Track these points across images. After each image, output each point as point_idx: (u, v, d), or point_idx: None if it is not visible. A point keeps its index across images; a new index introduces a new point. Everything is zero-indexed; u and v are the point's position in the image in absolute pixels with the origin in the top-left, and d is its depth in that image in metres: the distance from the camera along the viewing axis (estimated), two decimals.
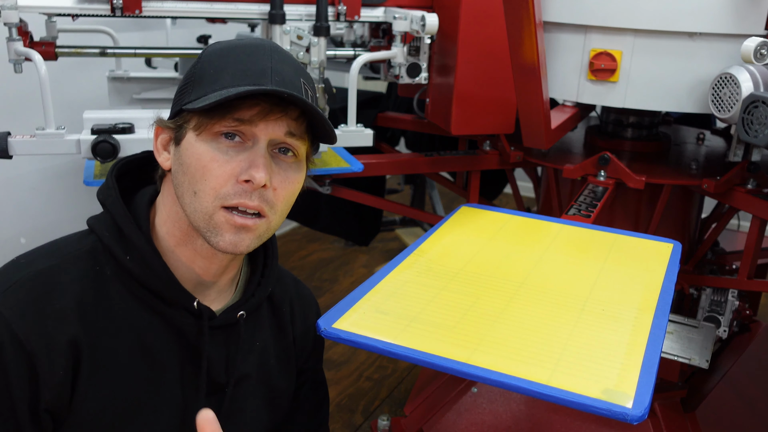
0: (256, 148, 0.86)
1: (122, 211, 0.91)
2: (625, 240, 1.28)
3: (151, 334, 0.91)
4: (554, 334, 0.93)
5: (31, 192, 2.36)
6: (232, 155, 0.86)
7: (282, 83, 0.87)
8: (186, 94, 0.89)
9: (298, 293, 1.14)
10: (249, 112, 0.85)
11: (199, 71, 0.89)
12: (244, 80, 0.86)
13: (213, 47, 0.91)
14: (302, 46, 1.59)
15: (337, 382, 2.47)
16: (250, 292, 1.01)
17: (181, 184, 0.89)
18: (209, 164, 0.85)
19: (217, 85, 0.86)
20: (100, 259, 0.90)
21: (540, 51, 1.44)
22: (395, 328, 0.93)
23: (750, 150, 1.61)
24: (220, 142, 0.86)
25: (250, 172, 0.85)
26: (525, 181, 2.29)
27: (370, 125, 2.13)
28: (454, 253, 1.19)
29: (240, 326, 0.98)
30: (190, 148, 0.87)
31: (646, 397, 0.80)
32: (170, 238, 0.93)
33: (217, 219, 0.87)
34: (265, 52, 0.89)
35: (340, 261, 3.47)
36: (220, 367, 0.97)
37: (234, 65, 0.87)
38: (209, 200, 0.86)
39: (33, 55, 1.42)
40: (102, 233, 0.91)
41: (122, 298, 0.89)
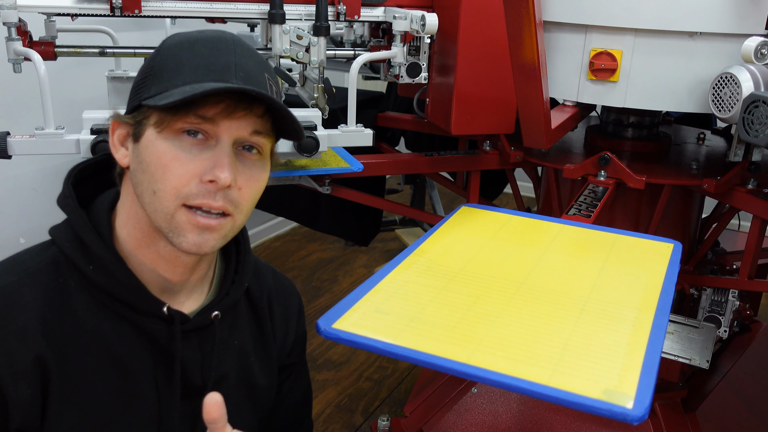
0: (220, 147, 0.83)
1: (81, 220, 0.88)
2: (626, 240, 1.28)
3: (120, 344, 0.88)
4: (554, 334, 0.93)
5: (30, 192, 2.36)
6: (195, 153, 0.83)
7: (246, 79, 0.84)
8: (145, 88, 0.85)
9: (278, 286, 1.10)
10: (213, 110, 0.82)
11: (159, 64, 0.85)
12: (207, 75, 0.82)
13: (172, 39, 0.87)
14: (302, 46, 1.59)
15: (337, 382, 2.47)
16: (224, 291, 0.98)
17: (140, 183, 0.85)
18: (170, 163, 0.82)
19: (178, 80, 0.82)
20: (63, 270, 0.87)
21: (540, 51, 1.44)
22: (395, 328, 0.93)
23: (750, 150, 1.61)
24: (182, 139, 0.83)
25: (214, 172, 0.82)
26: (525, 181, 2.29)
27: (370, 125, 2.13)
28: (454, 253, 1.19)
29: (215, 327, 0.96)
30: (150, 145, 0.83)
31: (646, 397, 0.79)
32: (131, 241, 0.89)
33: (178, 219, 0.84)
34: (228, 46, 0.86)
35: (340, 261, 3.47)
36: (196, 369, 0.94)
37: (196, 59, 0.84)
38: (170, 199, 0.83)
39: (32, 55, 1.42)
40: (63, 244, 0.88)
41: (88, 309, 0.86)
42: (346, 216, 2.43)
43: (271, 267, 1.13)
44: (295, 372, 1.14)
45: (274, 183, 1.71)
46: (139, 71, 0.89)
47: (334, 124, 1.66)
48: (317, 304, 3.03)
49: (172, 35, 0.89)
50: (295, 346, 1.13)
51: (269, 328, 1.07)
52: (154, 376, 0.91)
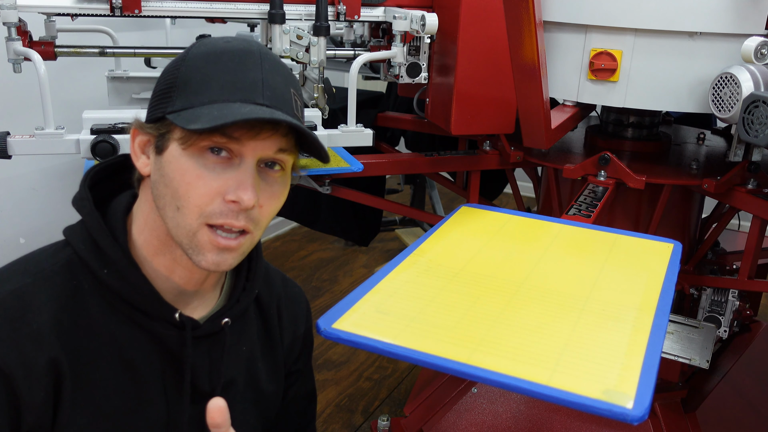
0: (245, 167, 0.83)
1: (97, 223, 0.88)
2: (626, 240, 1.28)
3: (132, 347, 0.88)
4: (554, 334, 0.93)
5: (30, 192, 2.36)
6: (219, 172, 0.82)
7: (273, 97, 0.84)
8: (169, 100, 0.84)
9: (287, 293, 1.11)
10: (239, 131, 0.81)
11: (184, 76, 0.84)
12: (234, 94, 0.82)
13: (198, 49, 0.86)
14: (302, 46, 1.59)
15: (337, 382, 2.47)
16: (235, 298, 0.98)
17: (162, 197, 0.85)
18: (195, 181, 0.82)
19: (204, 97, 0.82)
20: (77, 272, 0.87)
21: (540, 51, 1.44)
22: (395, 328, 0.93)
23: (750, 150, 1.61)
24: (206, 157, 0.82)
25: (238, 193, 0.82)
26: (525, 181, 2.29)
27: (370, 125, 2.13)
28: (454, 253, 1.19)
29: (225, 333, 0.96)
30: (174, 161, 0.83)
31: (646, 397, 0.79)
32: (148, 247, 0.89)
33: (200, 238, 0.83)
34: (255, 60, 0.84)
35: (340, 261, 3.47)
36: (204, 375, 0.94)
37: (222, 75, 0.83)
38: (193, 217, 0.83)
39: (32, 55, 1.42)
40: (78, 246, 0.87)
41: (101, 312, 0.86)
42: (346, 216, 2.44)
43: (281, 273, 1.13)
44: (301, 378, 1.14)
45: None
46: (161, 77, 0.88)
47: (334, 124, 1.66)
48: (317, 304, 3.03)
49: (198, 43, 0.88)
50: (303, 352, 1.13)
51: (277, 335, 1.07)
52: (163, 381, 0.91)
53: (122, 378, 0.88)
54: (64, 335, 0.84)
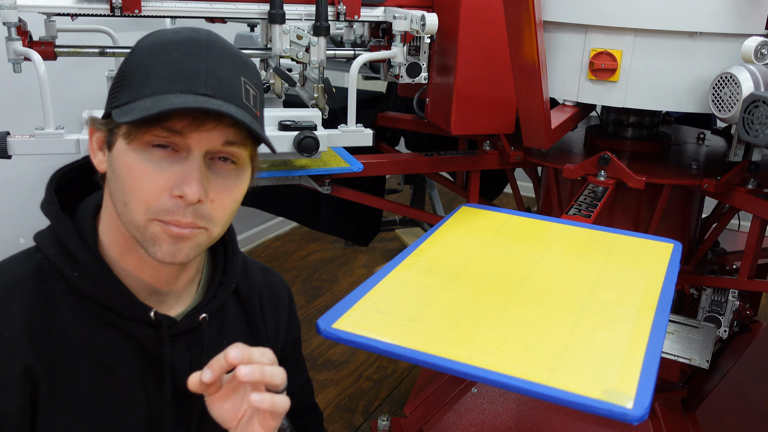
0: (190, 160, 0.80)
1: (65, 226, 0.86)
2: (625, 240, 1.28)
3: (108, 350, 0.87)
4: (554, 334, 0.93)
5: (30, 192, 2.36)
6: (165, 166, 0.80)
7: (217, 86, 0.80)
8: (117, 95, 0.82)
9: (267, 283, 1.09)
10: (180, 123, 0.78)
11: (130, 70, 0.81)
12: (175, 84, 0.78)
13: (145, 41, 0.83)
14: (302, 46, 1.59)
15: (337, 382, 2.47)
16: (212, 293, 0.96)
17: (114, 193, 0.83)
18: (140, 176, 0.79)
19: (146, 90, 0.79)
20: (48, 277, 0.85)
21: (540, 51, 1.44)
22: (395, 328, 0.93)
23: (750, 150, 1.61)
24: (152, 152, 0.79)
25: (182, 188, 0.79)
26: (525, 181, 2.29)
27: (370, 125, 2.13)
28: (454, 253, 1.19)
29: (203, 329, 0.94)
30: (121, 156, 0.81)
31: (646, 397, 0.79)
32: (115, 247, 0.88)
33: (152, 229, 0.81)
34: (201, 49, 0.80)
35: (340, 261, 3.47)
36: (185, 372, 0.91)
37: (165, 66, 0.79)
38: (140, 213, 0.80)
39: (32, 55, 1.42)
40: (47, 251, 0.86)
41: (75, 315, 0.85)
42: (346, 216, 2.44)
43: (260, 264, 1.11)
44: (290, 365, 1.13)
45: (274, 183, 1.72)
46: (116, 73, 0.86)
47: (334, 124, 1.66)
48: (317, 304, 3.03)
49: (147, 35, 0.85)
50: (288, 341, 1.12)
51: (261, 327, 1.06)
52: (143, 381, 0.90)
53: (100, 381, 0.86)
54: (37, 342, 0.82)
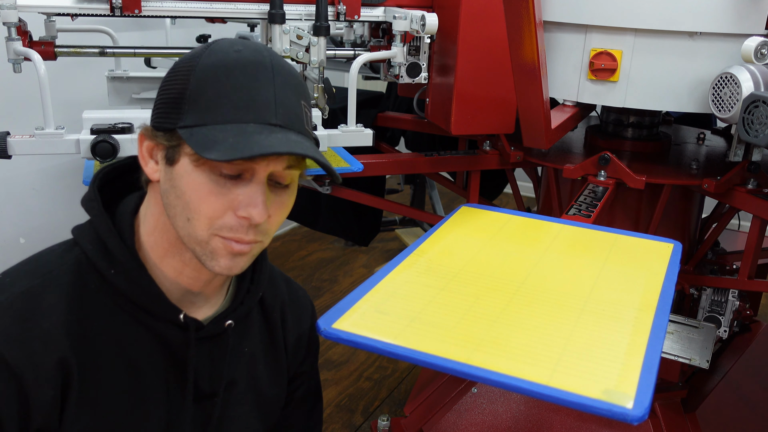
0: (255, 184, 0.84)
1: (106, 224, 0.89)
2: (625, 240, 1.28)
3: (136, 348, 0.89)
4: (554, 334, 0.93)
5: (30, 192, 2.36)
6: (230, 188, 0.83)
7: (286, 116, 0.84)
8: (179, 112, 0.83)
9: (291, 296, 1.11)
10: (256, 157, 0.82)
11: (195, 89, 0.83)
12: (247, 114, 0.81)
13: (209, 59, 0.84)
14: (302, 46, 1.59)
15: (337, 382, 2.47)
16: (239, 300, 0.99)
17: (173, 206, 0.86)
18: (207, 196, 0.83)
19: (217, 115, 0.81)
20: (84, 273, 0.88)
21: (540, 51, 1.44)
22: (395, 328, 0.93)
23: (750, 150, 1.61)
24: (218, 176, 0.83)
25: (249, 210, 0.83)
26: (525, 181, 2.29)
27: (370, 125, 2.13)
28: (454, 253, 1.19)
29: (227, 335, 0.96)
30: (186, 176, 0.83)
31: (646, 397, 0.79)
32: (157, 249, 0.90)
33: (213, 245, 0.85)
34: (267, 75, 0.84)
35: (340, 261, 3.47)
36: (206, 375, 0.95)
37: (235, 92, 0.82)
38: (204, 228, 0.84)
39: (32, 55, 1.42)
40: (86, 246, 0.88)
41: (107, 312, 0.88)
42: (346, 216, 2.43)
43: (285, 275, 1.13)
44: (307, 381, 1.15)
45: None
46: (169, 82, 0.86)
47: (334, 124, 1.66)
48: (317, 304, 3.02)
49: (208, 52, 0.85)
50: (308, 356, 1.13)
51: (281, 338, 1.07)
52: (167, 382, 0.92)
53: (126, 378, 0.88)
54: (72, 336, 0.84)
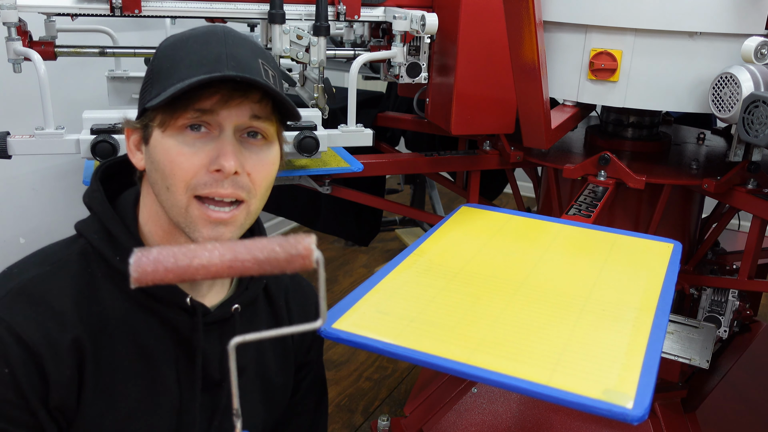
0: (223, 137, 0.86)
1: (109, 212, 0.91)
2: (625, 240, 1.28)
3: (145, 333, 0.90)
4: (554, 334, 0.93)
5: (30, 192, 2.36)
6: (199, 146, 0.85)
7: (238, 67, 0.86)
8: (147, 92, 0.88)
9: (295, 284, 1.13)
10: (209, 101, 0.84)
11: (156, 67, 0.88)
12: (199, 69, 0.84)
13: (167, 41, 0.91)
14: (302, 46, 1.59)
15: (337, 382, 2.47)
16: (244, 285, 1.00)
17: (155, 182, 0.88)
18: (177, 158, 0.85)
19: (174, 79, 0.85)
20: (91, 261, 0.90)
21: (540, 51, 1.44)
22: (395, 328, 0.93)
23: (750, 150, 1.61)
24: (185, 135, 0.85)
25: (219, 161, 0.84)
26: (525, 181, 2.29)
27: (370, 125, 2.13)
28: (454, 253, 1.19)
29: (235, 320, 0.98)
30: (158, 145, 0.87)
31: (646, 397, 0.79)
32: (154, 237, 0.93)
33: (192, 212, 0.86)
34: (218, 38, 0.88)
35: (340, 261, 3.47)
36: (215, 362, 0.96)
37: (188, 56, 0.86)
38: (181, 192, 0.86)
39: (32, 55, 1.42)
40: (90, 236, 0.91)
41: (116, 299, 0.89)
42: (346, 216, 2.43)
43: None
44: (313, 371, 1.16)
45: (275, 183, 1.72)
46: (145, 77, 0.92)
47: (334, 124, 1.66)
48: None
49: (168, 37, 0.92)
50: (314, 343, 1.15)
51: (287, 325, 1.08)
52: (177, 368, 0.93)
53: (137, 364, 0.90)
54: (84, 319, 0.86)
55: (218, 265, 0.68)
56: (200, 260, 0.68)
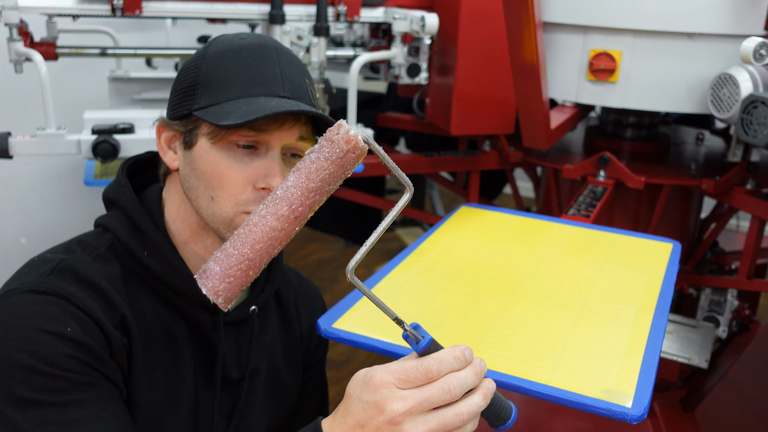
0: (271, 156, 0.87)
1: (138, 208, 0.92)
2: (625, 240, 1.28)
3: (171, 326, 0.92)
4: (554, 334, 0.93)
5: (31, 192, 2.36)
6: (247, 162, 0.87)
7: (293, 89, 0.89)
8: (193, 97, 0.89)
9: (302, 288, 1.14)
10: (267, 123, 0.86)
11: (206, 74, 0.88)
12: (257, 88, 0.86)
13: (216, 47, 0.90)
14: (302, 47, 1.59)
15: (337, 382, 2.47)
16: (259, 288, 1.01)
17: (194, 188, 0.89)
18: (226, 172, 0.86)
19: (229, 93, 0.86)
20: (119, 256, 0.91)
21: (540, 51, 1.44)
22: (395, 328, 0.93)
23: (749, 150, 1.61)
24: (236, 151, 0.87)
25: (267, 180, 0.86)
26: (525, 181, 2.29)
27: (370, 125, 2.13)
28: (454, 253, 1.19)
29: (252, 321, 0.99)
30: (205, 155, 0.88)
31: (645, 396, 0.80)
32: (180, 236, 0.94)
33: (238, 222, 0.88)
34: (272, 55, 0.89)
35: (340, 261, 3.47)
36: (233, 362, 0.97)
37: (244, 71, 0.87)
38: (229, 206, 0.87)
39: (33, 56, 1.43)
40: (118, 231, 0.91)
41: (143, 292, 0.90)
42: (346, 216, 2.44)
43: (294, 270, 1.17)
44: (318, 372, 1.17)
45: None
46: (181, 76, 0.92)
47: None
48: None
49: (215, 42, 0.92)
50: (320, 346, 1.16)
51: (296, 328, 1.10)
52: (195, 365, 0.94)
53: (169, 355, 0.91)
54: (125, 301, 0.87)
55: (277, 226, 0.67)
56: (257, 234, 0.66)
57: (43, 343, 0.78)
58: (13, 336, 0.79)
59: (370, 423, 0.70)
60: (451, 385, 0.70)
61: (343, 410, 0.74)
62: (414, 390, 0.70)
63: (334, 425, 0.74)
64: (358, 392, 0.73)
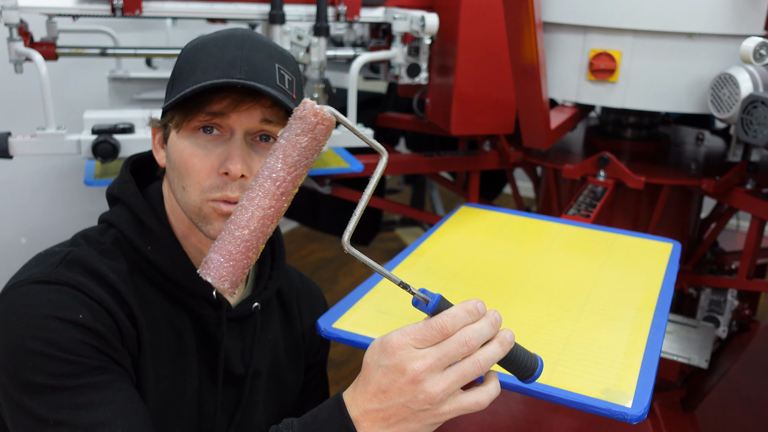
0: (233, 140, 0.87)
1: (142, 203, 0.93)
2: (625, 240, 1.28)
3: (176, 321, 0.92)
4: (554, 333, 0.93)
5: (31, 192, 2.36)
6: (211, 149, 0.87)
7: (251, 71, 0.86)
8: (168, 94, 0.91)
9: (304, 288, 1.15)
10: (220, 105, 0.85)
11: (177, 69, 0.90)
12: (214, 73, 0.85)
13: (190, 44, 0.92)
14: (302, 47, 1.59)
15: (337, 382, 2.48)
16: (262, 285, 1.02)
17: (172, 181, 0.90)
18: (190, 159, 0.87)
19: (189, 81, 0.86)
20: (124, 251, 0.91)
21: (540, 51, 1.44)
22: (395, 327, 0.93)
23: (749, 150, 1.61)
24: (198, 137, 0.87)
25: (226, 165, 0.86)
26: (525, 181, 2.29)
27: (371, 125, 2.13)
28: (454, 253, 1.19)
29: (255, 318, 0.99)
30: (174, 145, 0.89)
31: (645, 396, 0.80)
32: (177, 231, 0.95)
33: (205, 210, 0.88)
34: (236, 42, 0.88)
35: (340, 261, 3.47)
36: (236, 359, 0.97)
37: (206, 59, 0.87)
38: (196, 194, 0.87)
39: (33, 56, 1.43)
40: (122, 226, 0.92)
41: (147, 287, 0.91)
42: (346, 216, 2.43)
43: (296, 270, 1.17)
44: (320, 372, 1.17)
45: None
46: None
47: None
48: None
49: (193, 39, 0.93)
50: (322, 346, 1.16)
51: (299, 327, 1.10)
52: (199, 360, 0.94)
53: (173, 349, 0.91)
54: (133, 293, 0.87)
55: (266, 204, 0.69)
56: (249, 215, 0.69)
57: (55, 329, 0.78)
58: (24, 324, 0.79)
59: (392, 386, 0.70)
60: (467, 337, 0.70)
61: (363, 380, 0.73)
62: (432, 348, 0.70)
63: (356, 395, 0.73)
64: (376, 359, 0.72)
